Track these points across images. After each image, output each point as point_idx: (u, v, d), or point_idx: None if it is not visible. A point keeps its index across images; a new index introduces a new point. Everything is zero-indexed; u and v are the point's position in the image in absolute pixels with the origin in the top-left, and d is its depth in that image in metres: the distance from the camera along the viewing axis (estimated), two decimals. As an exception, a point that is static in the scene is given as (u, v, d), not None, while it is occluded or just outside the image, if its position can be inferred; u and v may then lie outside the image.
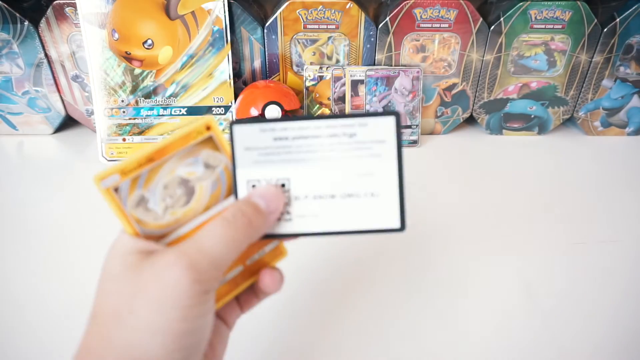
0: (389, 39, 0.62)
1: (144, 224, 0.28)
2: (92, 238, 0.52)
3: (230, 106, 0.63)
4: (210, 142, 0.29)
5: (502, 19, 0.60)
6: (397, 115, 0.29)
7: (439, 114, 0.68)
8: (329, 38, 0.62)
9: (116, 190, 0.27)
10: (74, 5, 0.58)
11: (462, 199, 0.57)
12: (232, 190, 0.30)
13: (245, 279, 0.31)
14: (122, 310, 0.25)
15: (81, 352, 0.25)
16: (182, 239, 0.28)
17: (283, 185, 0.29)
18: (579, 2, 0.59)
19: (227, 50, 0.61)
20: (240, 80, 0.65)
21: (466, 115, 0.69)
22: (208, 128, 0.29)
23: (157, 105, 0.62)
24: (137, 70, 0.61)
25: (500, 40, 0.62)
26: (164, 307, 0.24)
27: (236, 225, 0.27)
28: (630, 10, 0.59)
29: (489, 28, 0.61)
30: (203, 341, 0.26)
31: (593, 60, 0.63)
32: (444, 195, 0.58)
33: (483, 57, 0.63)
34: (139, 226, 0.28)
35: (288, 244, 0.32)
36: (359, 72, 0.63)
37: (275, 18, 0.60)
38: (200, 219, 0.29)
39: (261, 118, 0.28)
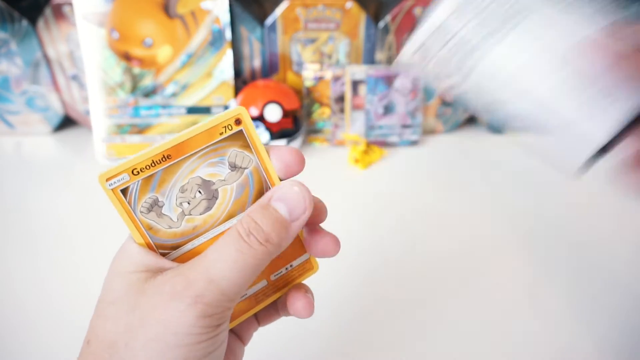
0: (389, 38, 0.62)
1: (156, 232, 0.24)
2: (91, 238, 0.52)
3: (229, 105, 0.63)
4: (239, 138, 0.24)
5: (503, 18, 0.60)
6: None
7: (439, 114, 0.68)
8: (329, 37, 0.62)
9: (124, 192, 0.23)
10: (72, 4, 0.58)
11: (462, 199, 0.57)
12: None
13: (269, 296, 0.28)
14: (119, 341, 0.22)
15: None
16: (196, 252, 0.24)
17: None
18: (580, 1, 0.59)
19: (227, 49, 0.61)
20: (240, 80, 0.65)
21: (467, 114, 0.68)
22: (238, 122, 0.24)
23: (157, 104, 0.62)
24: (137, 70, 0.60)
25: (501, 39, 0.61)
26: (163, 346, 0.21)
27: (251, 245, 0.23)
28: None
29: (490, 27, 0.61)
30: None
31: (594, 59, 0.63)
32: (444, 194, 0.58)
33: (484, 56, 0.63)
34: (150, 234, 0.24)
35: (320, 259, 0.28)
36: (359, 71, 0.63)
37: (275, 17, 0.60)
38: (220, 229, 0.25)
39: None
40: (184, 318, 0.21)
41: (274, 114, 0.60)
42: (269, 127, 0.60)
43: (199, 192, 0.25)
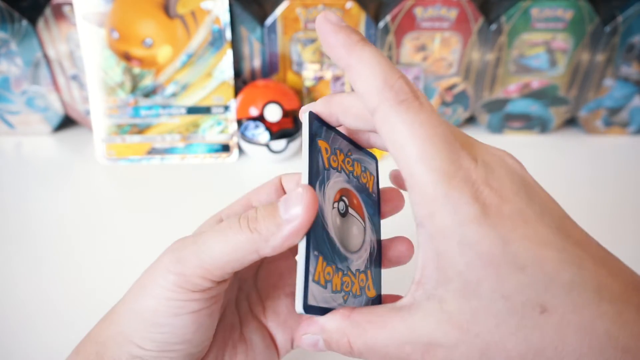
0: (389, 39, 0.62)
1: None
2: (91, 238, 0.52)
3: (230, 106, 0.63)
4: None
5: (503, 18, 0.60)
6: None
7: (439, 114, 0.68)
8: (329, 37, 0.62)
9: None
10: (72, 4, 0.58)
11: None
12: None
13: None
14: (116, 308, 0.27)
15: (107, 315, 0.27)
16: None
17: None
18: (580, 1, 0.59)
19: (227, 49, 0.61)
20: (240, 80, 0.65)
21: (467, 114, 0.68)
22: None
23: (157, 104, 0.62)
24: (137, 70, 0.60)
25: (501, 39, 0.61)
26: (143, 292, 0.25)
27: (240, 226, 0.23)
28: (632, 9, 0.59)
29: (490, 27, 0.61)
30: (178, 344, 0.25)
31: (595, 59, 0.63)
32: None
33: (484, 56, 0.63)
34: None
35: None
36: (359, 71, 0.63)
37: (275, 17, 0.60)
38: None
39: None
40: (161, 270, 0.25)
41: (274, 114, 0.60)
42: (269, 127, 0.60)
43: None
